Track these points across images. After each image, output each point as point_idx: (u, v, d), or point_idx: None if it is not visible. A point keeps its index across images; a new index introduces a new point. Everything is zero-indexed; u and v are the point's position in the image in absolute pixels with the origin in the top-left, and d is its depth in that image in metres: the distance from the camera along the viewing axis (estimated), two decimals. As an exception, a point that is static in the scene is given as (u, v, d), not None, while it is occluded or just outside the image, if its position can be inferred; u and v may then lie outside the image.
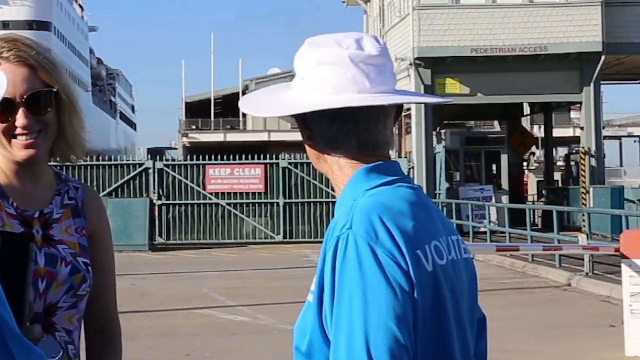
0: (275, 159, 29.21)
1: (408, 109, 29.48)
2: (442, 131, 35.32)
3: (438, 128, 35.25)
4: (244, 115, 67.18)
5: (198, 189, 28.68)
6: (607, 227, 22.92)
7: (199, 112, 68.41)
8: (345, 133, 2.01)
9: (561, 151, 56.80)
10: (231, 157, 28.95)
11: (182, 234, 28.64)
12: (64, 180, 2.61)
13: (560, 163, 51.55)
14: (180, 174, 28.74)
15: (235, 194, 28.65)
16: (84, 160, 25.85)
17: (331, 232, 1.94)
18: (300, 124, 2.06)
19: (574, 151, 43.35)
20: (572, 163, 41.50)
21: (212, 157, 28.92)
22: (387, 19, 33.59)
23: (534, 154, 54.56)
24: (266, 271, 20.11)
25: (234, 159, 28.82)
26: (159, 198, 28.50)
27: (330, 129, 2.02)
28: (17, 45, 2.46)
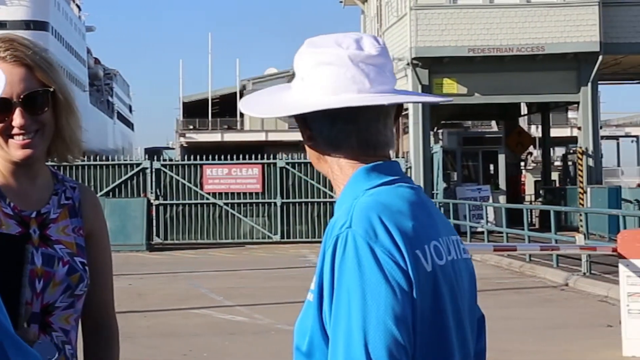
0: (273, 159, 29.21)
1: (405, 109, 29.45)
2: (440, 131, 35.35)
3: (435, 128, 35.27)
4: (242, 115, 67.17)
5: (195, 189, 28.66)
6: (604, 227, 22.92)
7: (196, 112, 68.40)
8: (346, 133, 2.01)
9: (559, 151, 56.82)
10: (229, 157, 28.95)
11: (179, 234, 28.62)
12: (61, 180, 2.60)
13: (557, 163, 51.55)
14: (177, 174, 28.72)
15: (232, 194, 28.64)
16: (82, 160, 25.83)
17: (331, 231, 1.94)
18: (300, 124, 2.06)
19: (571, 151, 43.37)
20: (570, 163, 41.52)
21: (210, 157, 28.90)
22: (385, 19, 33.59)
23: (531, 154, 54.58)
24: (264, 271, 20.10)
25: (232, 159, 28.82)
26: (157, 198, 28.49)
27: (331, 129, 2.01)
28: (14, 45, 2.46)
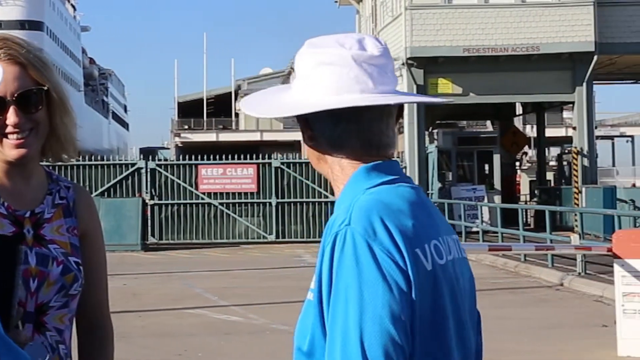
0: (268, 158, 29.21)
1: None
2: (435, 131, 35.33)
3: (430, 128, 35.26)
4: (237, 115, 67.27)
5: (190, 189, 28.65)
6: (599, 227, 22.95)
7: (191, 112, 68.48)
8: (349, 133, 2.00)
9: (554, 151, 56.91)
10: (224, 157, 28.95)
11: (174, 234, 28.61)
12: (56, 179, 2.60)
13: (552, 163, 51.61)
14: (172, 174, 28.71)
15: (227, 193, 28.63)
16: (76, 160, 25.81)
17: (330, 229, 1.93)
18: (302, 124, 2.04)
19: (566, 151, 43.44)
20: (565, 163, 41.56)
21: (205, 157, 28.88)
22: (380, 18, 33.60)
23: (526, 153, 54.68)
24: (259, 271, 20.09)
25: (227, 158, 28.82)
26: (152, 198, 28.47)
27: (334, 129, 2.00)
28: (8, 44, 2.46)
